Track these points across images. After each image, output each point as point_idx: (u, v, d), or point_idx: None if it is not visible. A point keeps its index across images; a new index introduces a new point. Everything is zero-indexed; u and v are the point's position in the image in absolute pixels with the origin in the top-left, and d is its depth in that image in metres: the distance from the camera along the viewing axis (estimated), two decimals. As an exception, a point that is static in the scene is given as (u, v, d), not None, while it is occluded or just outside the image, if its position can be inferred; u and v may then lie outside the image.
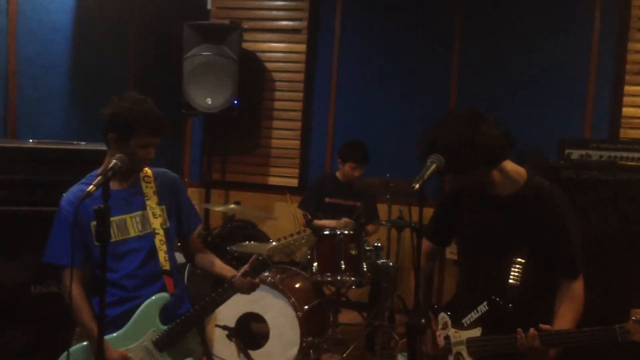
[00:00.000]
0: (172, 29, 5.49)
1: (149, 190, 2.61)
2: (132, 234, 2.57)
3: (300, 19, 5.80)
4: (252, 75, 5.78)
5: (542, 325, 2.19)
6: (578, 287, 2.32)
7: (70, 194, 2.54)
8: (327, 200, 4.86)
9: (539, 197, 2.33)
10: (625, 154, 3.20)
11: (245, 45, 5.67)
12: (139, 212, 2.58)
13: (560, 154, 3.27)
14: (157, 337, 2.52)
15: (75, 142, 3.72)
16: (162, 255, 2.57)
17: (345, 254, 4.14)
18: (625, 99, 5.14)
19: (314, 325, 4.11)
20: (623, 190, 3.09)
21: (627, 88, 5.14)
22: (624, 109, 5.14)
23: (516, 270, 2.31)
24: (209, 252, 2.83)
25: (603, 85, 5.27)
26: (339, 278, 4.14)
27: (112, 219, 2.51)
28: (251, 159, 5.97)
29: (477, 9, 5.51)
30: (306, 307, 3.99)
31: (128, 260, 2.55)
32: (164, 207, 2.64)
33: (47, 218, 2.60)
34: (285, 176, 5.89)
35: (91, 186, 2.16)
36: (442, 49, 5.56)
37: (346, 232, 4.21)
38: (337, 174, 4.98)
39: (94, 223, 2.44)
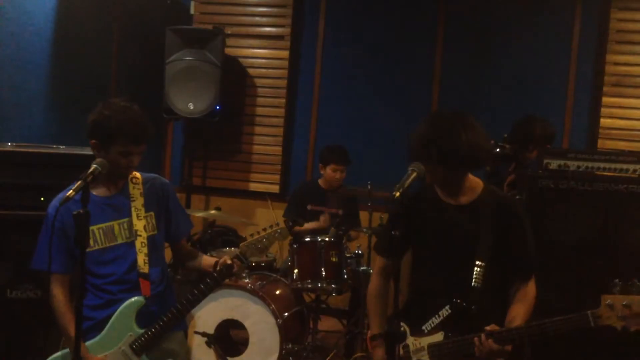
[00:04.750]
0: (155, 33, 5.47)
1: (136, 191, 2.61)
2: (120, 240, 2.56)
3: (283, 26, 5.81)
4: (234, 81, 5.77)
5: (487, 328, 2.24)
6: (531, 286, 2.44)
7: (56, 200, 2.52)
8: (309, 207, 4.85)
9: (500, 204, 2.44)
10: (602, 165, 3.24)
11: (227, 50, 5.65)
12: (127, 219, 2.58)
13: (539, 164, 3.30)
14: (134, 341, 2.51)
15: (54, 146, 3.69)
16: (142, 258, 2.56)
17: (325, 261, 4.14)
18: (603, 110, 5.22)
19: (294, 332, 4.10)
20: (600, 201, 3.13)
21: (605, 99, 5.22)
22: (602, 120, 5.22)
23: (478, 272, 2.36)
24: (199, 253, 2.84)
25: (582, 96, 5.35)
26: (319, 285, 4.14)
27: (98, 225, 2.52)
28: (232, 164, 5.95)
29: (458, 23, 5.57)
30: (286, 314, 3.99)
31: (115, 266, 2.55)
32: (152, 213, 2.63)
33: (25, 222, 2.58)
34: (266, 182, 5.89)
35: (70, 191, 2.14)
36: (425, 57, 5.61)
37: (327, 238, 4.21)
38: (320, 181, 4.99)
39: None
